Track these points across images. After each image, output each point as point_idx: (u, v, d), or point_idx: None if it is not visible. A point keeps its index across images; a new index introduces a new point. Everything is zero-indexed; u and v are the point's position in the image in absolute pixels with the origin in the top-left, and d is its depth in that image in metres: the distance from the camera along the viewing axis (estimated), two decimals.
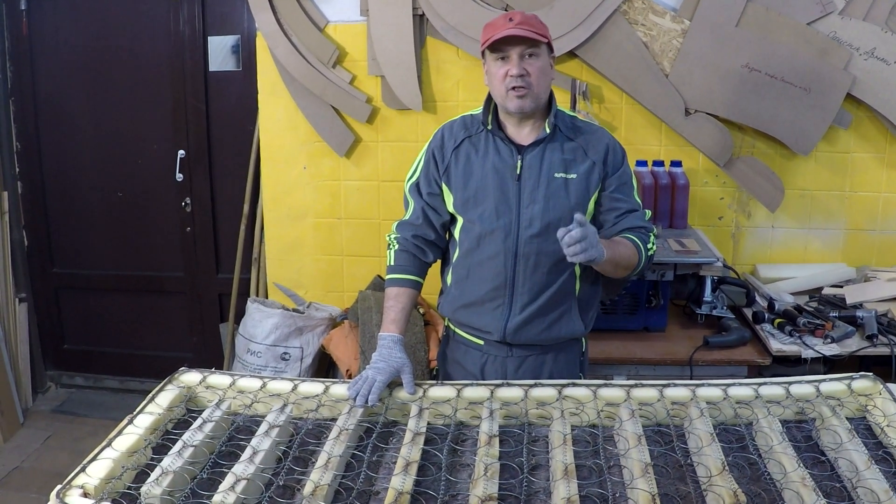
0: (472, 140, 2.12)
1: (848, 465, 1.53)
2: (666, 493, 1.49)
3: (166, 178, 3.95)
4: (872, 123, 3.25)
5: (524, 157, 2.07)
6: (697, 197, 3.39)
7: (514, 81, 1.97)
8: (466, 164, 2.11)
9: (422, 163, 2.19)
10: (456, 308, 2.19)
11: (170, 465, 1.55)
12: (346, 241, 3.63)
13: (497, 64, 2.00)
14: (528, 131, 2.09)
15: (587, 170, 2.07)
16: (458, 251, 2.16)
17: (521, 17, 1.98)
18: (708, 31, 3.14)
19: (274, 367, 3.43)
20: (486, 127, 2.10)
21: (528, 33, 1.95)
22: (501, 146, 2.09)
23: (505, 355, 2.18)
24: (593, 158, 2.08)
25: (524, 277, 2.08)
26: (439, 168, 2.14)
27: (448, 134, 2.16)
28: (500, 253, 2.07)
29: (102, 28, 3.84)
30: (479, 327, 2.17)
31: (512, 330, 2.11)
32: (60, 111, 3.99)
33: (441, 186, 2.15)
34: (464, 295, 2.16)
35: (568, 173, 2.06)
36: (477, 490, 1.47)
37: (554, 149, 2.07)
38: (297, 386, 1.91)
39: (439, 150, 2.14)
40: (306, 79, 3.39)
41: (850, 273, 3.31)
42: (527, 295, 2.09)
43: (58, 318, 4.31)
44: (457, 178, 2.11)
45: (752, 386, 1.84)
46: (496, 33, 1.96)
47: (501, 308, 2.11)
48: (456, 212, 2.14)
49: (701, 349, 2.79)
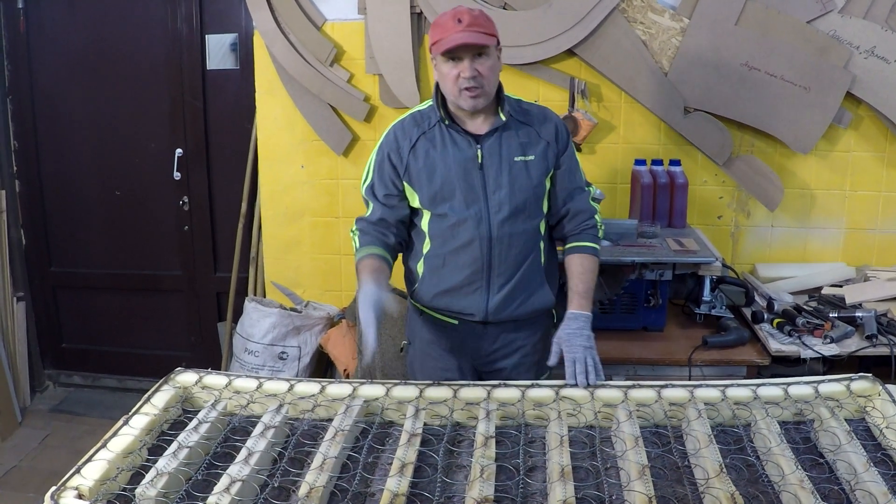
0: (427, 136, 2.16)
1: (846, 467, 1.52)
2: (663, 495, 1.48)
3: (164, 176, 3.94)
4: (872, 122, 3.24)
5: (483, 146, 2.13)
6: (696, 196, 3.38)
7: (466, 83, 2.03)
8: (427, 160, 2.14)
9: (374, 165, 2.22)
10: (433, 296, 2.23)
11: (165, 467, 1.55)
12: (344, 240, 3.62)
13: (448, 65, 2.05)
14: (481, 121, 2.15)
15: (543, 150, 2.17)
16: (430, 242, 2.20)
17: (469, 17, 2.01)
18: (707, 29, 3.13)
19: (271, 367, 3.42)
20: (444, 122, 2.14)
21: (478, 38, 2.00)
22: (458, 138, 2.14)
23: (480, 332, 2.25)
24: (546, 139, 2.18)
25: (499, 260, 2.16)
26: (398, 169, 2.17)
27: (401, 134, 2.18)
28: (475, 239, 2.14)
29: (100, 26, 3.83)
30: (458, 311, 2.22)
31: (492, 310, 2.19)
32: (58, 110, 3.97)
33: (401, 187, 2.19)
34: (441, 283, 2.21)
35: (526, 156, 2.15)
36: (473, 492, 1.46)
37: (510, 135, 2.15)
38: (293, 386, 1.90)
39: (395, 153, 2.17)
40: (304, 77, 3.38)
41: (849, 273, 3.30)
42: (503, 276, 2.17)
43: (56, 317, 4.30)
44: (419, 175, 2.15)
45: (751, 387, 1.84)
46: (446, 38, 2.00)
47: (480, 291, 2.18)
48: (423, 207, 2.18)
49: (700, 349, 2.78)
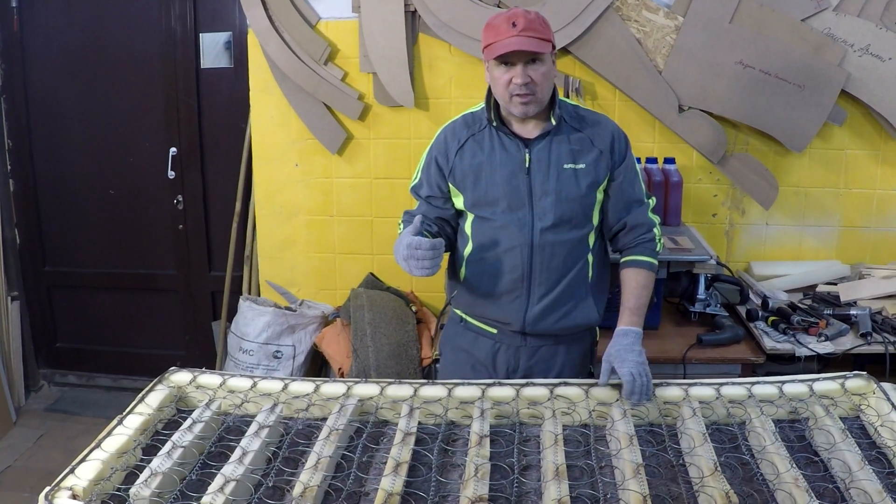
0: (476, 138, 2.11)
1: (841, 466, 1.53)
2: (657, 494, 1.48)
3: (158, 175, 3.93)
4: (867, 120, 3.25)
5: (531, 151, 2.06)
6: (691, 194, 3.38)
7: (518, 89, 1.96)
8: (473, 162, 2.10)
9: (423, 166, 2.20)
10: (473, 301, 2.18)
11: (159, 467, 1.55)
12: (339, 239, 3.61)
13: (500, 69, 1.98)
14: (532, 125, 2.09)
15: (595, 159, 2.08)
16: (472, 246, 2.14)
17: (524, 21, 1.93)
18: (702, 27, 3.13)
19: (266, 366, 3.42)
20: (492, 124, 2.08)
21: (533, 45, 1.92)
22: (507, 141, 2.08)
23: (519, 344, 2.18)
24: (600, 147, 2.09)
25: (541, 268, 2.08)
26: (444, 171, 2.13)
27: (451, 136, 2.14)
28: (517, 246, 2.08)
29: (94, 25, 3.81)
30: (497, 318, 2.16)
31: (531, 320, 2.12)
32: (52, 109, 3.96)
33: (447, 189, 2.15)
34: (481, 288, 2.15)
35: (577, 163, 2.07)
36: (467, 491, 1.46)
37: (560, 140, 2.07)
38: (287, 385, 1.90)
39: (443, 155, 2.13)
40: (298, 76, 3.37)
41: (844, 270, 3.30)
42: (544, 285, 2.10)
43: (50, 317, 4.29)
44: (465, 177, 2.10)
45: (745, 385, 1.84)
46: (499, 42, 1.93)
47: (520, 299, 2.11)
48: (467, 209, 2.14)
49: (694, 347, 2.78)
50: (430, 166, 2.16)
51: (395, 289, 3.49)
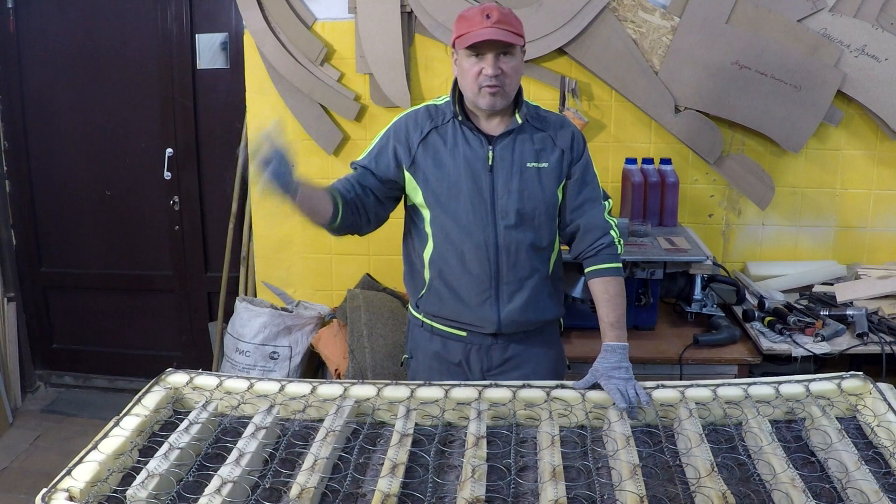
0: (439, 131, 2.08)
1: (838, 466, 1.53)
2: (654, 495, 1.48)
3: (154, 176, 3.92)
4: (863, 120, 3.26)
5: (495, 148, 2.06)
6: (687, 195, 3.38)
7: (488, 80, 1.96)
8: (436, 157, 2.07)
9: (375, 150, 2.12)
10: (442, 305, 2.15)
11: (156, 468, 1.54)
12: (335, 240, 3.57)
13: (471, 61, 1.97)
14: (496, 122, 2.08)
15: (557, 158, 2.08)
16: (433, 245, 2.11)
17: (498, 14, 1.94)
18: (698, 27, 3.13)
19: (262, 367, 3.41)
20: (457, 118, 2.07)
21: (507, 36, 1.93)
22: (471, 137, 2.07)
23: (490, 344, 2.17)
24: (561, 147, 2.09)
25: (507, 268, 2.08)
26: (401, 160, 2.08)
27: (412, 125, 2.10)
28: (481, 246, 2.06)
29: (90, 26, 3.81)
30: (470, 322, 2.14)
31: (506, 322, 2.11)
32: (48, 109, 3.95)
33: (395, 178, 2.09)
34: (448, 291, 2.12)
35: (540, 162, 2.07)
36: (464, 492, 1.46)
37: (524, 139, 2.07)
38: (284, 387, 1.89)
39: (403, 144, 2.08)
40: (294, 76, 3.37)
41: (840, 271, 3.31)
42: (513, 284, 2.09)
43: (47, 318, 4.28)
44: (426, 170, 2.07)
45: (742, 386, 1.84)
46: (472, 32, 1.93)
47: (490, 300, 2.10)
48: (426, 205, 2.09)
49: (691, 348, 2.79)
50: (384, 151, 2.09)
51: (391, 290, 3.49)
